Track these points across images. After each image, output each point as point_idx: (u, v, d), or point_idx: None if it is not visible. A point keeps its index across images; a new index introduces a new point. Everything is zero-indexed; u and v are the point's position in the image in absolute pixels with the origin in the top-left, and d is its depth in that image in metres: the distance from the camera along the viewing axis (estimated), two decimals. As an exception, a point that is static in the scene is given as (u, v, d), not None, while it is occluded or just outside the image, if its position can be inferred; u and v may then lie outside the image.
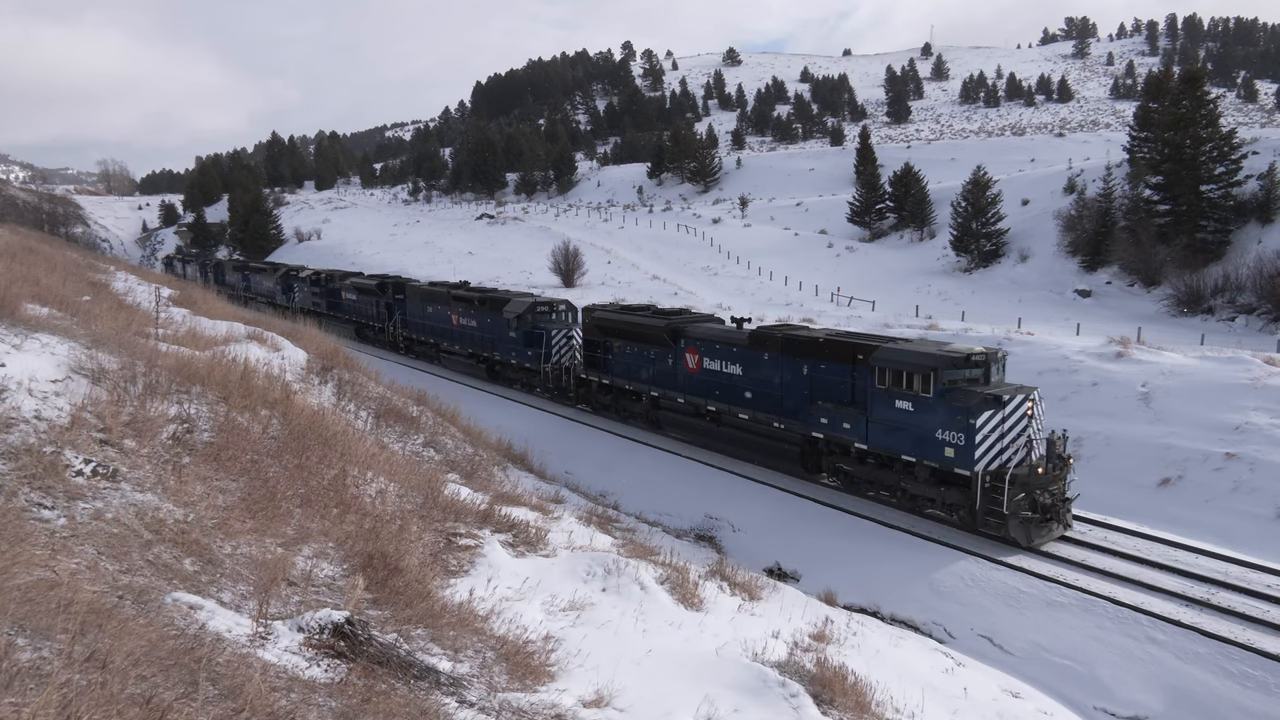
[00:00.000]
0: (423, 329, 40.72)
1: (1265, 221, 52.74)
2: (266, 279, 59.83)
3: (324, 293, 51.48)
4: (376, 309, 45.23)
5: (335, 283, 51.04)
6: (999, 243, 66.89)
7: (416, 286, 42.58)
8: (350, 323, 47.73)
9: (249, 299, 58.58)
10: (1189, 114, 56.01)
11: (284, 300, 54.47)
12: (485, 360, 35.67)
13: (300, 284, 54.23)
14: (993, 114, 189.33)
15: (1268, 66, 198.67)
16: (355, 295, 47.66)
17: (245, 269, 67.16)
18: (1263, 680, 12.25)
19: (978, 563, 16.48)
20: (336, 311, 49.71)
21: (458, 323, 37.34)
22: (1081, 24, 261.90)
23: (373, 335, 45.87)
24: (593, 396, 29.49)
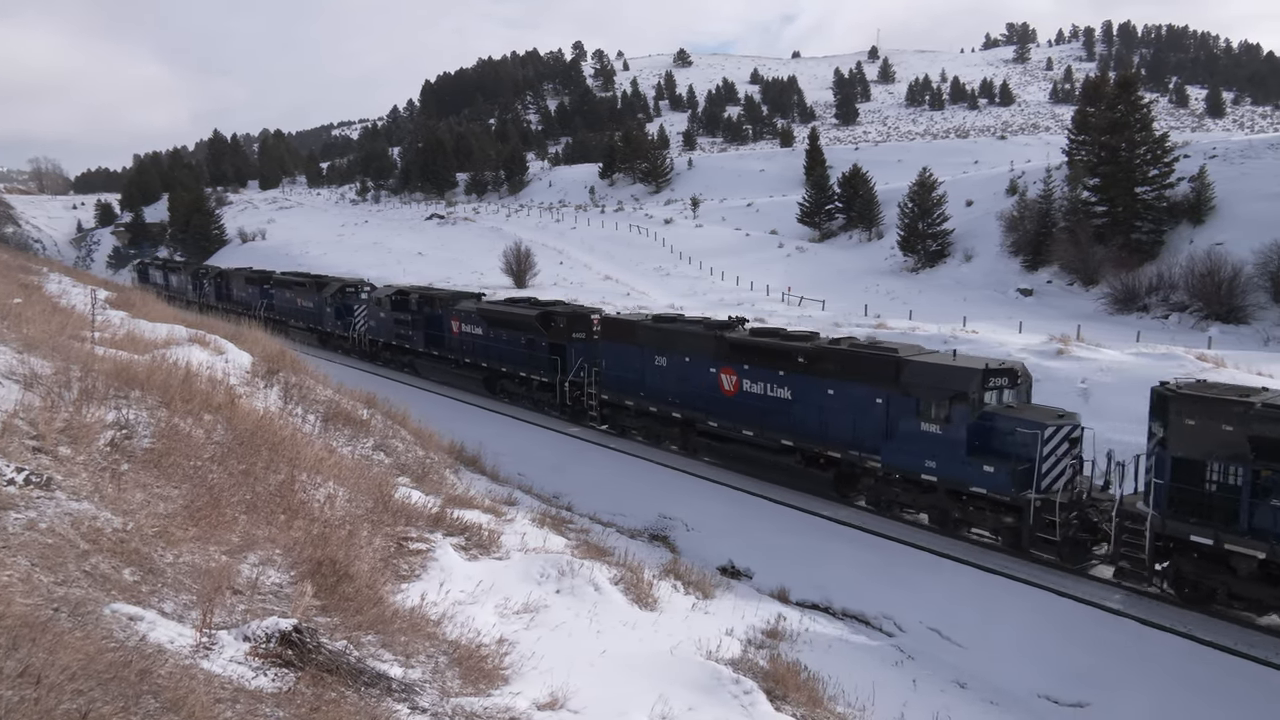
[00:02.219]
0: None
1: (1196, 222, 54.66)
2: (306, 297, 46.53)
3: (422, 321, 35.48)
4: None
5: (435, 307, 35.01)
6: (944, 243, 68.22)
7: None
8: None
9: (279, 324, 45.17)
10: (1124, 118, 57.80)
11: (339, 328, 42.81)
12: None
13: (369, 305, 40.31)
14: (938, 117, 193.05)
15: (1198, 73, 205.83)
16: (499, 331, 31.07)
17: (267, 282, 51.34)
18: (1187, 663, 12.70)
19: (926, 558, 16.78)
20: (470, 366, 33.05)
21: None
22: (1022, 30, 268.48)
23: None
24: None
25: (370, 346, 40.22)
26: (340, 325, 42.64)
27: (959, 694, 12.16)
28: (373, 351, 40.14)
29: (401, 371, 37.98)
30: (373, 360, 40.18)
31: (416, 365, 36.71)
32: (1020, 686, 12.49)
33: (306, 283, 47.13)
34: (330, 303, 43.35)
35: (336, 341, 43.11)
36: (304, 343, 42.06)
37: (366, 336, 40.39)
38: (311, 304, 45.36)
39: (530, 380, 29.55)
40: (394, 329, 37.59)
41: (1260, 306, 45.56)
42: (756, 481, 21.66)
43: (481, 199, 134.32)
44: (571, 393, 27.43)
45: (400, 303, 37.26)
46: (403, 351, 37.63)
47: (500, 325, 30.76)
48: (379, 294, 39.36)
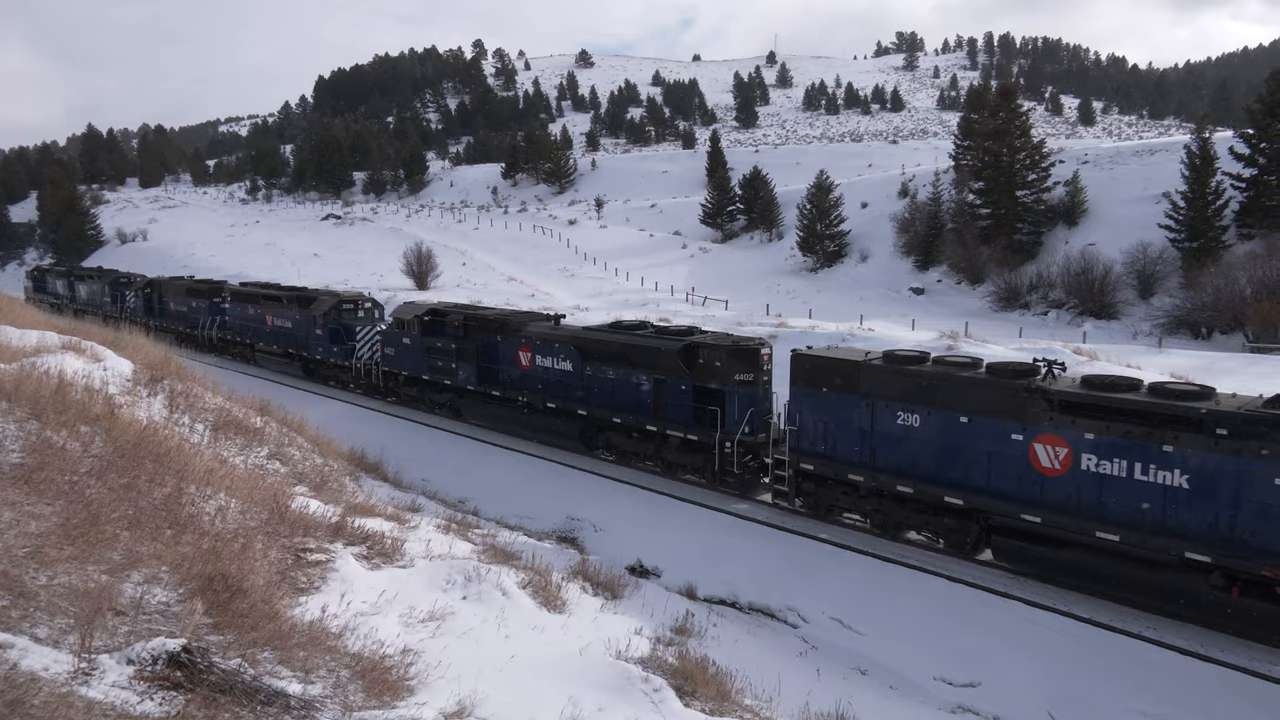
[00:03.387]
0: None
1: (1071, 224, 58.08)
2: (282, 314, 36.91)
3: (472, 350, 27.15)
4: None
5: (491, 332, 26.81)
6: (842, 244, 70.35)
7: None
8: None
9: (240, 347, 40.18)
10: (1005, 125, 60.87)
11: (335, 355, 33.64)
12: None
13: (388, 328, 31.66)
14: (833, 121, 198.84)
15: (1071, 83, 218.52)
16: (605, 367, 23.27)
17: (218, 294, 42.42)
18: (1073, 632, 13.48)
19: (829, 550, 17.27)
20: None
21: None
22: (910, 38, 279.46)
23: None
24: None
25: (382, 381, 31.47)
26: (337, 352, 33.30)
27: (860, 680, 12.56)
28: (387, 386, 31.43)
29: (435, 413, 29.40)
30: (384, 397, 31.76)
31: (461, 406, 28.13)
32: (917, 670, 12.99)
33: (283, 297, 37.21)
34: (321, 323, 33.88)
35: (329, 371, 34.67)
36: (281, 372, 36.81)
37: (381, 367, 31.38)
38: (291, 324, 36.06)
39: (664, 438, 21.57)
40: (424, 359, 28.68)
41: (1128, 303, 48.76)
42: (665, 480, 21.82)
43: (380, 199, 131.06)
44: (738, 457, 19.70)
45: (434, 325, 28.67)
46: (438, 389, 28.93)
47: (608, 359, 22.68)
48: (401, 314, 30.34)
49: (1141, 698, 11.91)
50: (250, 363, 39.40)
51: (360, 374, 32.71)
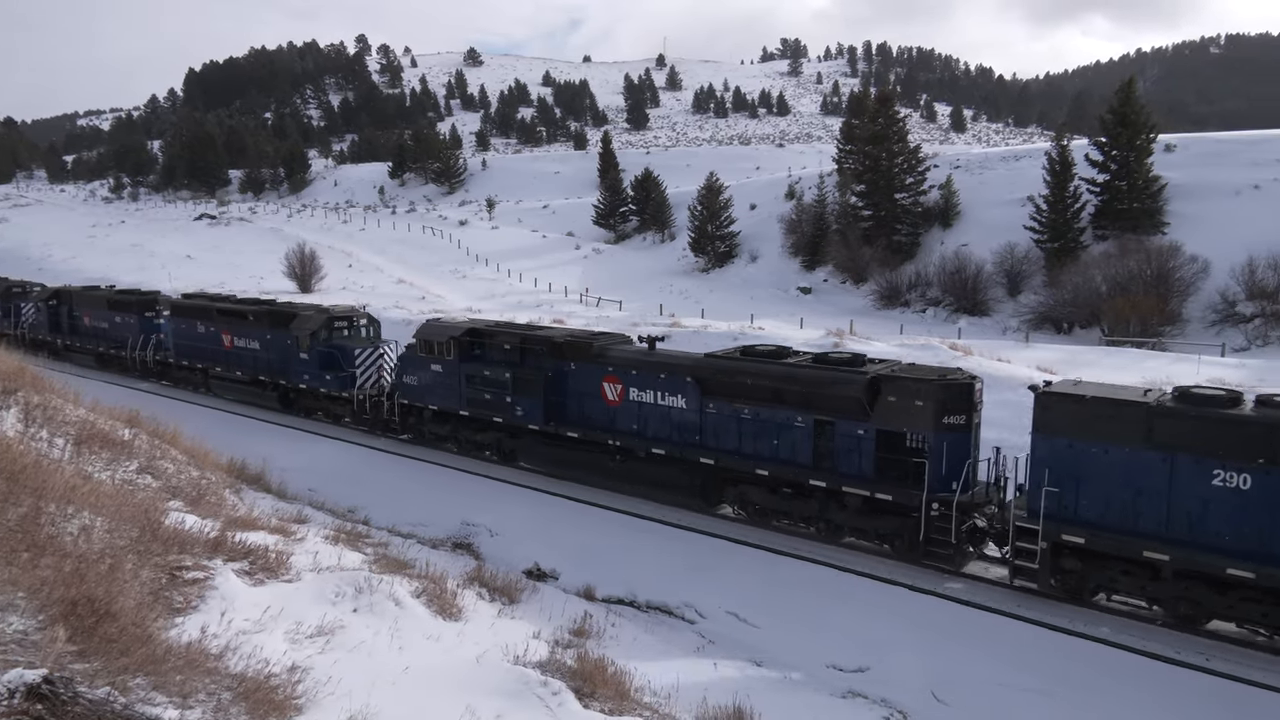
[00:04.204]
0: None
1: (946, 226, 61.06)
2: (247, 333, 30.49)
3: (530, 379, 22.20)
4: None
5: (560, 356, 21.68)
6: (732, 244, 71.78)
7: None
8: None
9: (181, 371, 33.96)
10: (884, 130, 63.44)
11: (327, 384, 27.72)
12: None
13: (407, 353, 25.85)
14: (722, 124, 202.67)
15: (943, 91, 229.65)
16: (738, 404, 18.97)
17: (151, 309, 35.83)
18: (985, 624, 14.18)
19: (725, 546, 17.57)
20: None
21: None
22: (794, 45, 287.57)
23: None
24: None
25: (397, 415, 25.66)
26: (330, 381, 27.38)
27: (756, 672, 12.83)
28: (404, 423, 25.68)
29: (473, 455, 23.92)
30: (397, 434, 26.15)
31: (516, 449, 22.86)
32: (810, 659, 13.37)
33: (249, 312, 30.61)
34: (308, 345, 27.72)
35: (316, 403, 28.69)
36: (247, 404, 30.60)
37: (398, 399, 25.50)
38: (260, 345, 29.78)
39: (835, 496, 17.04)
40: (461, 390, 23.24)
41: (998, 300, 51.66)
42: (559, 483, 21.73)
43: (259, 198, 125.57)
44: (954, 522, 15.31)
45: (475, 348, 23.36)
46: (480, 426, 23.45)
47: (744, 394, 18.13)
48: (429, 334, 24.25)
49: (1019, 674, 12.62)
50: (202, 391, 32.80)
51: (363, 407, 26.53)
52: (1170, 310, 42.29)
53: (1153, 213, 51.29)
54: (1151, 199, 51.66)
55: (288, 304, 32.59)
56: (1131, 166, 52.01)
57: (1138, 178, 51.86)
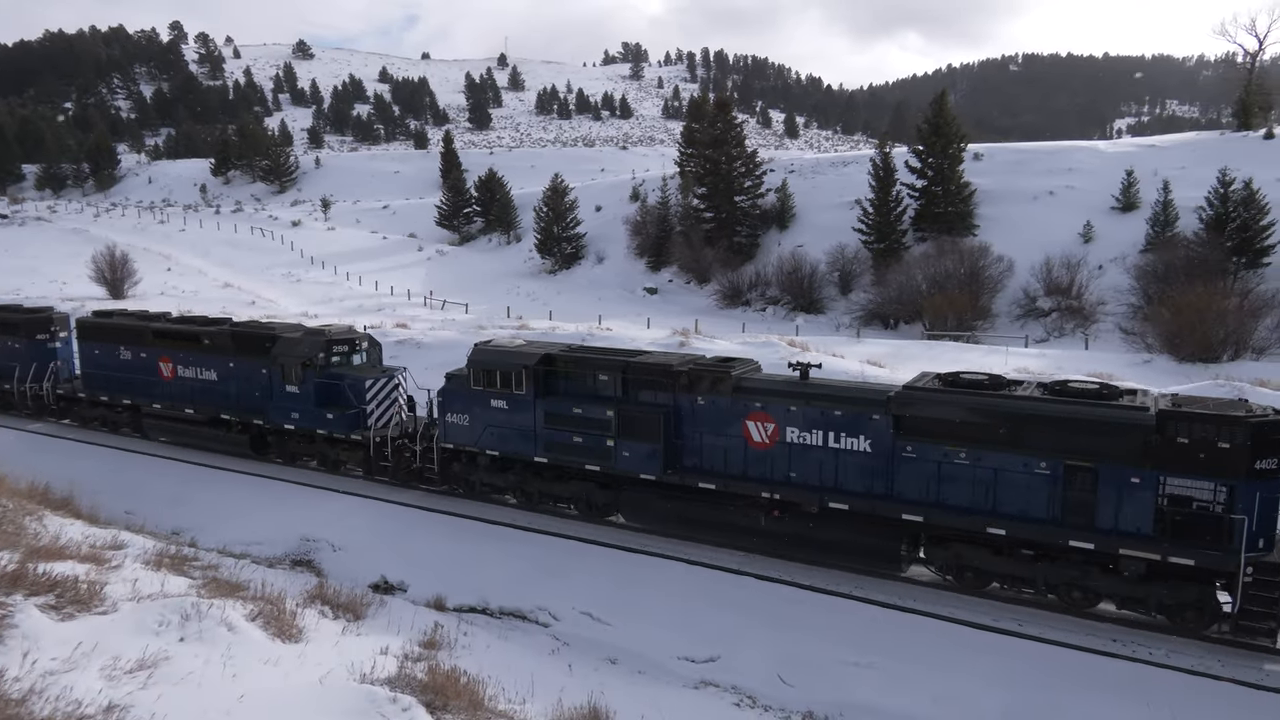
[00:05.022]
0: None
1: (782, 227, 63.80)
2: (197, 361, 24.88)
3: (645, 415, 18.03)
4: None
5: (678, 388, 17.59)
6: (579, 246, 72.04)
7: None
8: None
9: (101, 410, 27.28)
10: (723, 135, 65.52)
11: (326, 424, 22.16)
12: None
13: (449, 387, 20.38)
14: (566, 125, 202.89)
15: (777, 99, 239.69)
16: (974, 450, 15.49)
17: (45, 330, 29.37)
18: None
19: (577, 547, 17.59)
20: None
21: None
22: (636, 49, 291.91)
23: None
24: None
25: (426, 460, 20.62)
26: (332, 421, 21.82)
27: (611, 670, 12.94)
28: (445, 473, 20.61)
29: (542, 510, 19.45)
30: (426, 484, 20.96)
31: (621, 503, 18.42)
32: (662, 652, 13.62)
33: (203, 334, 24.62)
34: (297, 376, 22.16)
35: (305, 447, 23.22)
36: (200, 447, 24.74)
37: (440, 444, 20.32)
38: (218, 375, 24.12)
39: (1100, 560, 13.99)
40: (537, 431, 18.69)
41: (832, 298, 54.51)
42: (401, 490, 21.09)
43: (59, 196, 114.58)
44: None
45: (556, 379, 18.82)
46: (563, 476, 18.95)
47: (958, 435, 14.68)
48: (486, 362, 19.28)
49: (855, 651, 13.34)
50: (126, 433, 26.66)
51: (380, 453, 21.25)
52: (982, 306, 45.99)
53: (965, 216, 55.69)
54: (963, 203, 56.07)
55: (260, 324, 26.16)
56: (945, 173, 56.26)
57: (951, 184, 56.17)
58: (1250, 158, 52.21)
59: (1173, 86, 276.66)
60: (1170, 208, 48.53)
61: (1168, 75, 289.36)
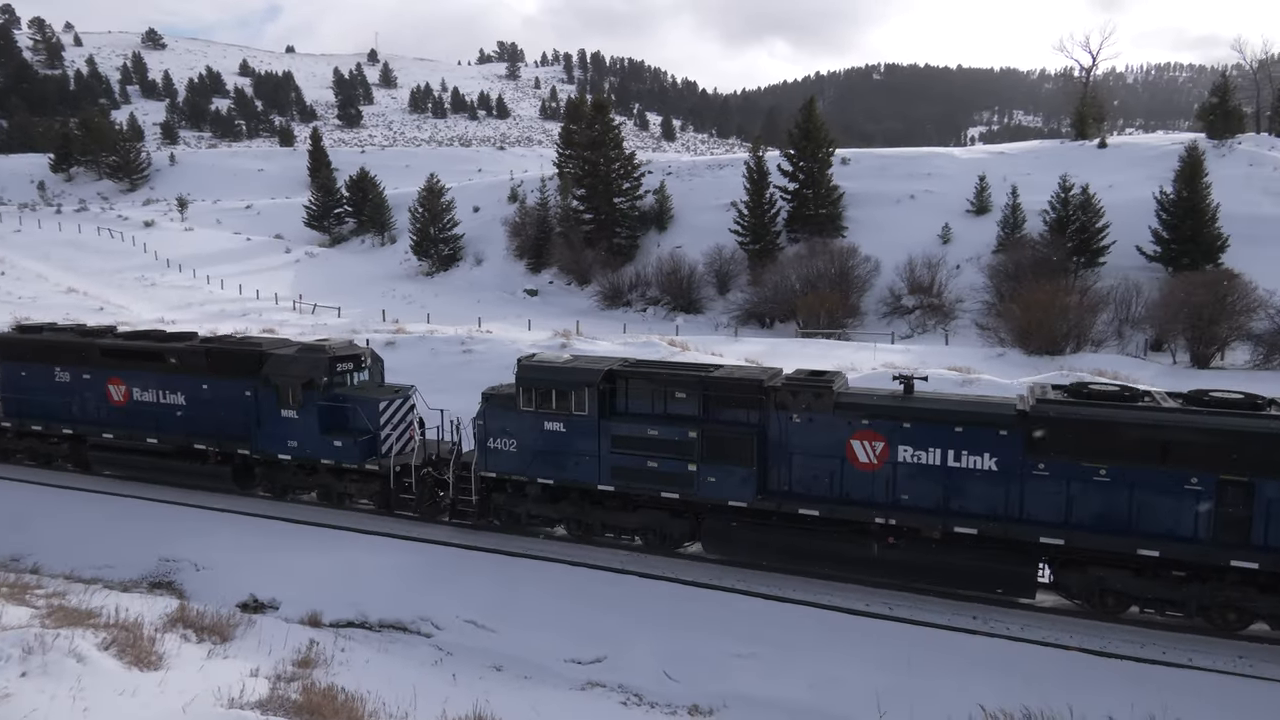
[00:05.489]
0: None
1: (661, 229, 64.61)
2: (155, 383, 21.78)
3: (791, 432, 16.37)
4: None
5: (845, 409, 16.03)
6: (456, 247, 70.76)
7: None
8: None
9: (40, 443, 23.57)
10: (601, 136, 65.75)
11: (331, 452, 19.64)
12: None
13: (489, 409, 18.05)
14: (441, 125, 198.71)
15: (654, 101, 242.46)
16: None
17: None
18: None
19: (460, 554, 17.25)
20: None
21: None
22: (512, 49, 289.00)
23: None
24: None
25: (462, 492, 18.28)
26: (340, 449, 19.27)
27: (496, 678, 12.76)
28: (483, 505, 18.32)
29: (595, 542, 17.55)
30: (459, 518, 18.64)
31: (705, 533, 16.54)
32: (548, 656, 13.54)
33: (167, 351, 21.54)
34: (296, 399, 19.41)
35: (302, 479, 20.48)
36: (164, 481, 21.71)
37: (479, 471, 18.04)
38: (187, 398, 21.13)
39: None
40: (602, 456, 16.76)
41: (710, 298, 55.61)
42: (274, 504, 20.15)
43: None
44: None
45: (622, 397, 16.88)
46: (631, 504, 17.11)
47: (1098, 452, 13.82)
48: (539, 379, 17.19)
49: (739, 643, 13.64)
50: (67, 469, 23.18)
51: (401, 483, 18.98)
52: (852, 304, 47.94)
53: (834, 218, 57.93)
54: (833, 206, 58.31)
55: (243, 339, 22.92)
56: (816, 177, 58.35)
57: (821, 187, 58.32)
58: (1087, 165, 56.56)
59: (1019, 98, 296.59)
60: (1018, 211, 51.93)
61: (1014, 87, 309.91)
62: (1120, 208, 48.46)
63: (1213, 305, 34.38)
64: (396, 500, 19.05)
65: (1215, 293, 34.89)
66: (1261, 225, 47.57)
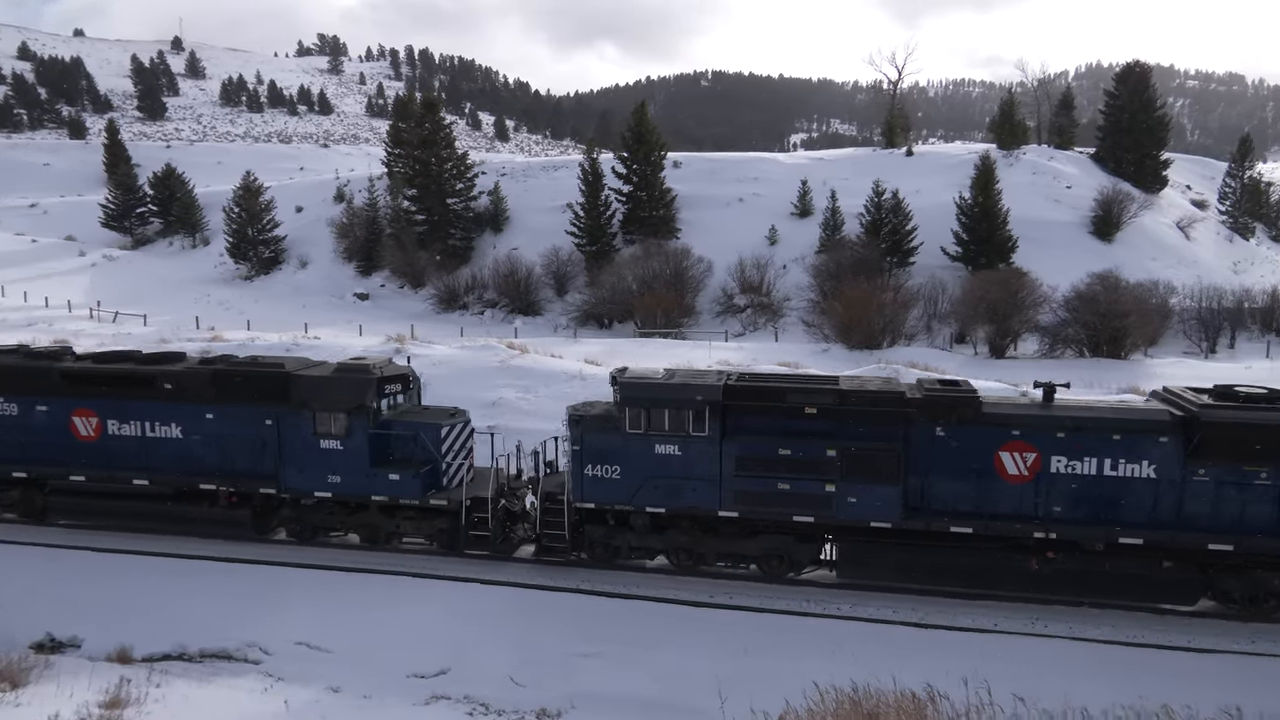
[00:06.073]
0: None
1: (497, 231, 63.86)
2: (149, 411, 18.12)
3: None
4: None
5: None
6: (278, 249, 67.03)
7: None
8: None
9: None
10: (431, 136, 64.14)
11: (365, 484, 17.00)
12: None
13: (582, 426, 16.21)
14: (257, 119, 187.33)
15: (486, 101, 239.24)
16: None
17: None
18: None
19: (294, 573, 16.33)
20: None
21: None
22: (334, 42, 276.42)
23: None
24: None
25: (552, 526, 16.49)
26: (397, 483, 16.82)
27: (334, 700, 12.16)
28: (576, 538, 16.58)
29: (703, 572, 16.22)
30: (547, 554, 16.85)
31: (846, 555, 15.59)
32: (390, 673, 13.04)
33: (159, 375, 18.13)
34: (340, 428, 16.95)
35: (339, 519, 17.86)
36: (152, 530, 18.16)
37: (573, 503, 16.16)
38: (184, 429, 18.00)
39: None
40: (723, 478, 15.34)
41: (549, 300, 55.51)
42: (70, 532, 18.30)
43: None
44: None
45: (746, 414, 15.41)
46: (751, 529, 15.79)
47: (1258, 454, 13.99)
48: (646, 397, 15.58)
49: (585, 642, 13.68)
50: (20, 518, 19.34)
51: (472, 519, 16.64)
52: (687, 304, 49.21)
53: (668, 220, 59.30)
54: (666, 208, 59.66)
55: (257, 360, 18.96)
56: (649, 179, 59.48)
57: (655, 189, 59.53)
58: (896, 171, 60.81)
59: (835, 107, 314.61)
60: (838, 214, 55.11)
61: (832, 97, 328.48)
62: (927, 211, 52.46)
63: (1006, 301, 37.82)
64: (467, 539, 16.81)
65: (1008, 290, 38.41)
66: (1044, 228, 52.98)
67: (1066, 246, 51.37)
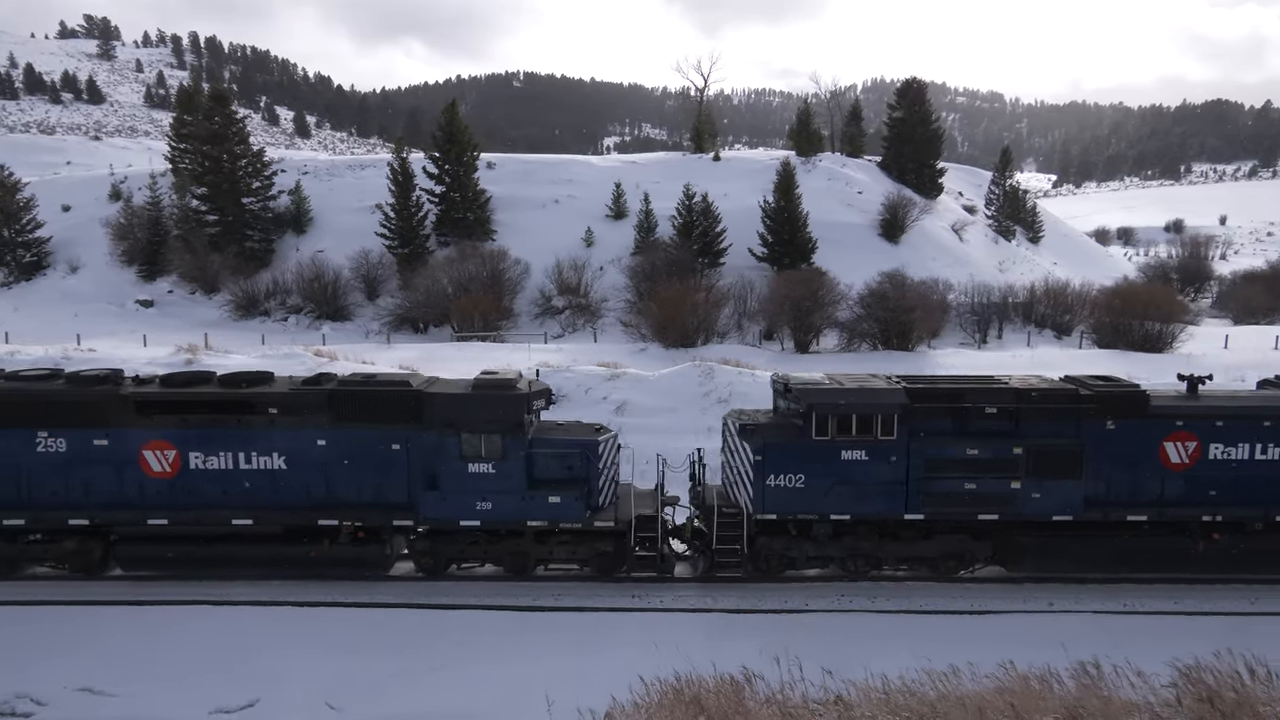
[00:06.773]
0: None
1: (300, 232, 60.47)
2: (234, 439, 15.12)
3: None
4: None
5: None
6: (42, 253, 60.29)
7: None
8: None
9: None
10: (222, 130, 59.71)
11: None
12: None
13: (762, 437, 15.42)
14: (13, 108, 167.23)
15: (284, 95, 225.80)
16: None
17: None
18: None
19: (73, 612, 14.73)
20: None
21: None
22: (104, 24, 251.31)
23: None
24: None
25: (731, 541, 15.64)
26: (558, 506, 15.42)
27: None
28: (759, 552, 15.93)
29: (870, 577, 16.25)
30: (718, 571, 16.05)
31: (1031, 550, 15.83)
32: (190, 711, 12.03)
33: (262, 401, 15.62)
34: (495, 450, 15.29)
35: (484, 550, 16.12)
36: (256, 576, 15.69)
37: (755, 515, 15.57)
38: (286, 461, 15.54)
39: None
40: (910, 483, 15.48)
41: (359, 305, 53.20)
42: None
43: None
44: None
45: (930, 417, 15.54)
46: (913, 533, 15.92)
47: None
48: (833, 404, 15.37)
49: (392, 659, 13.22)
50: (68, 572, 16.21)
51: (640, 540, 15.57)
52: (505, 306, 48.69)
53: (483, 221, 58.43)
54: (480, 209, 58.76)
55: (365, 376, 17.26)
56: (462, 180, 58.35)
57: (468, 190, 58.47)
58: (705, 176, 63.15)
59: (646, 112, 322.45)
60: (651, 216, 56.46)
61: (642, 102, 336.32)
62: (734, 214, 54.83)
63: (808, 299, 40.21)
64: (632, 562, 15.85)
65: (809, 288, 40.85)
66: (840, 230, 56.83)
67: (859, 247, 55.37)
